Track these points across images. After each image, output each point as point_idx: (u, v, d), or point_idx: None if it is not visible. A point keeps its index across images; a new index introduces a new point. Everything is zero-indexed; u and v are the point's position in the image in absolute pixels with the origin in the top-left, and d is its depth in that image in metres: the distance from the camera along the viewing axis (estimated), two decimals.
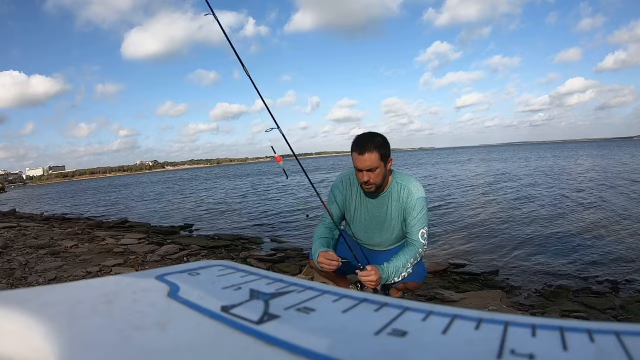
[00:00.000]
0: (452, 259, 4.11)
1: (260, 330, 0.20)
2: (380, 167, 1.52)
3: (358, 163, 1.51)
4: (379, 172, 1.52)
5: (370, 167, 1.50)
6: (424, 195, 1.60)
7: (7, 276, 3.08)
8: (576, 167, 16.53)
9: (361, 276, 1.48)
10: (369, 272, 1.47)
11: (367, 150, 1.49)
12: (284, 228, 6.68)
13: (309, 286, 0.27)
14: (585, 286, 3.21)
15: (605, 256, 3.96)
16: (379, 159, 1.51)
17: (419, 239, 1.57)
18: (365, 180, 1.52)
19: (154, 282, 0.27)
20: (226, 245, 5.11)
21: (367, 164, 1.49)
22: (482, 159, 32.74)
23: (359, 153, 1.50)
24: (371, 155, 1.49)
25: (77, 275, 3.16)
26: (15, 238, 5.18)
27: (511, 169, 17.67)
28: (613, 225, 5.24)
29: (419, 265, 1.63)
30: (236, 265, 0.32)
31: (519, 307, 2.74)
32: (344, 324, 0.21)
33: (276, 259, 4.22)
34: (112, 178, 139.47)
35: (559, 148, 67.91)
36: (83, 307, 0.22)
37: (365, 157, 1.49)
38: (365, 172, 1.51)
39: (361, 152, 1.50)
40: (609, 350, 0.17)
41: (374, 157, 1.49)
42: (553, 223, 5.59)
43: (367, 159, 1.49)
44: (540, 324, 0.20)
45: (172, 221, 8.43)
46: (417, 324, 0.21)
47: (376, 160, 1.50)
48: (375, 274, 1.47)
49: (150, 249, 4.42)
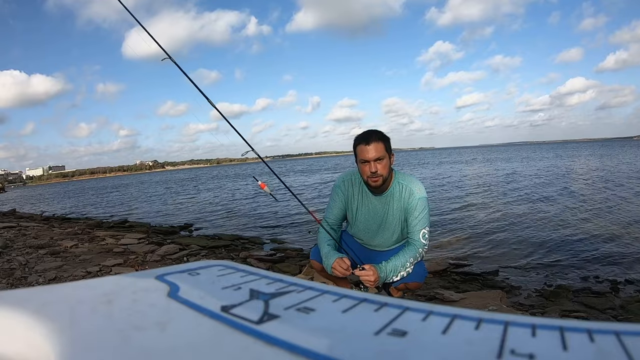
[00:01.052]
0: (452, 259, 4.11)
1: (260, 330, 0.20)
2: (386, 158, 1.53)
3: (365, 154, 1.51)
4: (386, 164, 1.53)
5: (377, 156, 1.51)
6: (425, 195, 1.60)
7: (7, 276, 3.08)
8: (579, 167, 16.53)
9: (359, 276, 1.50)
10: (367, 271, 1.48)
11: (373, 141, 1.51)
12: (284, 228, 6.68)
13: (309, 286, 0.27)
14: (585, 286, 3.21)
15: (605, 256, 3.96)
16: (385, 149, 1.52)
17: (420, 239, 1.57)
18: (373, 172, 1.52)
19: (154, 282, 0.27)
20: (226, 245, 5.11)
21: (374, 154, 1.50)
22: (486, 159, 32.75)
23: (366, 143, 1.51)
24: (377, 145, 1.50)
25: (77, 275, 3.16)
26: (15, 238, 5.18)
27: (513, 169, 17.67)
28: (614, 225, 5.24)
29: (419, 265, 1.63)
30: (236, 265, 0.32)
31: (519, 307, 2.74)
32: (344, 324, 0.21)
33: (276, 259, 4.22)
34: (112, 178, 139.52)
35: (560, 148, 67.93)
36: (83, 307, 0.22)
37: (372, 146, 1.50)
38: (372, 163, 1.51)
39: (368, 142, 1.51)
40: (609, 350, 0.17)
41: (380, 146, 1.51)
42: (553, 223, 5.59)
43: (374, 148, 1.50)
44: (540, 324, 0.20)
45: (172, 221, 8.43)
46: (417, 324, 0.21)
47: (382, 150, 1.51)
48: (373, 273, 1.48)
49: (150, 249, 4.42)
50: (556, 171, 14.97)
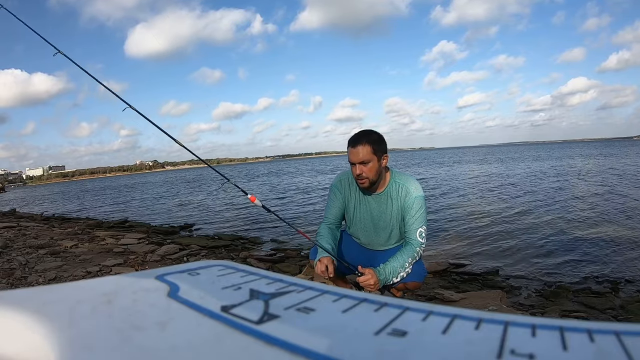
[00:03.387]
0: (452, 259, 4.11)
1: (260, 330, 0.20)
2: (373, 161, 1.53)
3: (351, 156, 1.54)
4: (372, 167, 1.53)
5: (363, 160, 1.52)
6: (422, 194, 1.61)
7: (7, 276, 3.08)
8: (581, 167, 16.51)
9: (360, 282, 1.51)
10: (366, 277, 1.49)
11: (360, 144, 1.52)
12: (284, 228, 6.67)
13: (309, 286, 0.27)
14: (585, 286, 3.21)
15: (605, 256, 3.96)
16: (372, 152, 1.52)
17: (417, 237, 1.58)
18: (357, 174, 1.54)
19: (154, 282, 0.27)
20: (226, 245, 5.10)
21: (359, 157, 1.52)
22: (486, 159, 32.72)
23: (352, 146, 1.53)
24: (364, 148, 1.51)
25: (77, 275, 3.16)
26: (15, 238, 5.18)
27: (514, 170, 17.66)
28: (614, 225, 5.24)
29: (418, 265, 1.63)
30: (236, 265, 0.32)
31: (519, 307, 2.74)
32: (344, 324, 0.21)
33: (276, 259, 4.22)
34: (113, 178, 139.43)
35: (561, 148, 67.92)
36: (83, 307, 0.22)
37: (357, 149, 1.52)
38: (358, 166, 1.53)
39: (354, 145, 1.53)
40: (609, 350, 0.17)
41: (366, 150, 1.51)
42: (554, 223, 5.59)
43: (359, 151, 1.51)
44: (540, 324, 0.20)
45: (172, 221, 8.43)
46: (417, 324, 0.21)
47: (368, 154, 1.51)
48: (372, 277, 1.49)
49: (150, 249, 4.42)
50: (557, 171, 14.96)
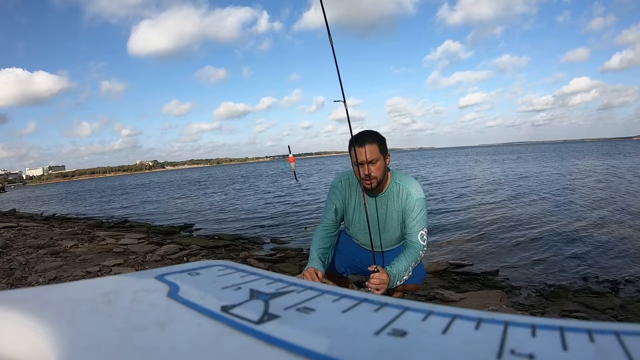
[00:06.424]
0: (452, 259, 4.11)
1: (260, 330, 0.20)
2: (381, 160, 1.51)
3: (359, 156, 1.49)
4: (380, 166, 1.51)
5: (371, 159, 1.49)
6: (423, 196, 1.59)
7: (7, 276, 3.08)
8: (583, 167, 16.50)
9: (373, 278, 1.43)
10: (382, 274, 1.43)
11: (367, 142, 1.49)
12: (284, 228, 6.67)
13: (309, 286, 0.27)
14: (585, 286, 3.21)
15: (605, 256, 3.96)
16: (379, 151, 1.50)
17: (419, 240, 1.55)
18: (366, 174, 1.50)
19: (154, 282, 0.27)
20: (226, 245, 5.10)
21: (368, 156, 1.48)
22: (487, 159, 32.70)
23: (359, 145, 1.49)
24: (371, 146, 1.49)
25: (77, 275, 3.16)
26: (15, 238, 5.18)
27: (515, 170, 17.65)
28: (615, 224, 5.24)
29: (418, 267, 1.62)
30: (236, 265, 0.32)
31: (519, 307, 2.74)
32: (344, 324, 0.21)
33: (276, 259, 4.22)
34: (113, 178, 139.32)
35: (561, 148, 67.88)
36: (83, 307, 0.22)
37: (365, 148, 1.48)
38: (366, 165, 1.49)
39: (361, 144, 1.49)
40: (609, 350, 0.17)
41: (374, 148, 1.49)
42: (554, 223, 5.58)
43: (367, 150, 1.48)
44: (540, 324, 0.20)
45: (172, 221, 8.43)
46: (417, 324, 0.21)
47: (376, 152, 1.49)
48: (387, 278, 1.43)
49: (150, 249, 4.41)
50: (558, 171, 14.96)
